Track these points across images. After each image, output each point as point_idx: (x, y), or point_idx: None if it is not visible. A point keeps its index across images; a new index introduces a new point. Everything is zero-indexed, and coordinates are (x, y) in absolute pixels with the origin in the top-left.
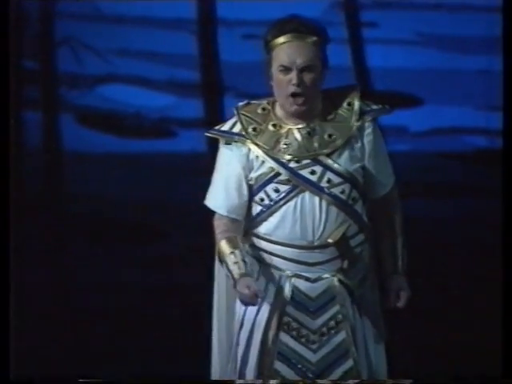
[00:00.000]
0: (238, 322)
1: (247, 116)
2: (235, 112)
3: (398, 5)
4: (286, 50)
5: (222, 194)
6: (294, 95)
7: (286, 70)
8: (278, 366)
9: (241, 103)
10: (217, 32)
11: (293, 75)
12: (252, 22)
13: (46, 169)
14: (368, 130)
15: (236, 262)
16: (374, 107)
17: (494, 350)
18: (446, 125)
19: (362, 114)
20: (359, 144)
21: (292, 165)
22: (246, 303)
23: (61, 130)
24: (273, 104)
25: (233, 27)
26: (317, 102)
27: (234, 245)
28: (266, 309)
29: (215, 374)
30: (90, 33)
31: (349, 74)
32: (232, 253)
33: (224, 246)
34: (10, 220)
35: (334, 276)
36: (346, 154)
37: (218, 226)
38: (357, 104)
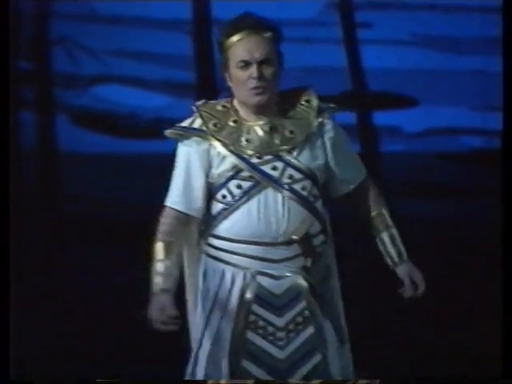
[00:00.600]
0: (202, 323)
1: (207, 112)
2: (195, 109)
3: (393, 5)
4: (243, 45)
5: (181, 191)
6: (255, 89)
7: (246, 64)
8: (246, 364)
9: (199, 102)
10: (212, 33)
11: (253, 69)
12: None
13: (41, 169)
14: (328, 127)
15: (161, 274)
16: (331, 105)
17: (493, 350)
18: (441, 125)
19: (320, 111)
20: (319, 141)
21: (254, 160)
22: (155, 324)
23: (56, 131)
24: (231, 103)
25: None
26: (276, 98)
27: (168, 252)
28: (232, 308)
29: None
30: (85, 33)
31: (343, 75)
32: (162, 261)
33: (159, 249)
34: (7, 220)
35: (297, 273)
36: (306, 151)
37: (163, 224)
38: (315, 101)
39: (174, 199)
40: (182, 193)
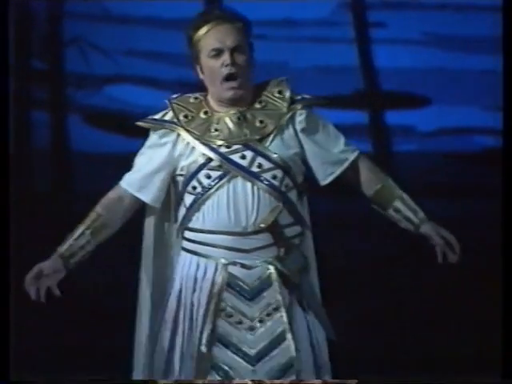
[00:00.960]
0: (171, 312)
1: (179, 105)
2: (167, 102)
3: (406, 5)
4: (214, 34)
5: (138, 174)
6: (228, 78)
7: (218, 52)
8: (217, 351)
9: (174, 95)
10: None
11: (225, 56)
12: (258, 22)
13: (54, 169)
14: (300, 118)
15: (70, 240)
16: (306, 96)
17: (493, 350)
18: (454, 124)
19: (292, 101)
20: (291, 131)
21: (222, 150)
22: (28, 281)
23: (69, 130)
24: (205, 96)
25: None
26: (249, 88)
27: (90, 221)
28: (203, 298)
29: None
30: (98, 33)
31: (356, 74)
32: (77, 228)
33: (85, 219)
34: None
35: (269, 263)
36: (277, 141)
37: (105, 198)
38: (287, 92)
39: (125, 178)
40: (134, 175)
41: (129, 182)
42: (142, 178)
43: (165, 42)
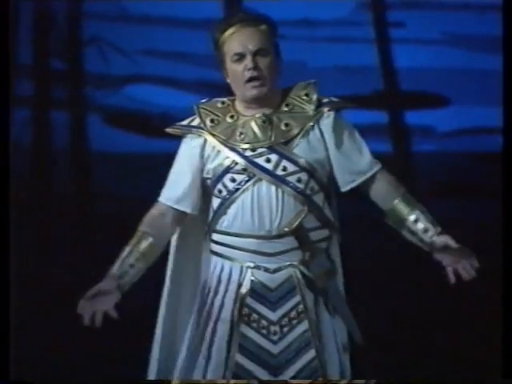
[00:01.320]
0: (195, 313)
1: (206, 109)
2: (195, 107)
3: (425, 5)
4: (236, 38)
5: (173, 186)
6: (251, 79)
7: (240, 57)
8: (239, 358)
9: (202, 100)
10: None
11: (247, 60)
12: (279, 22)
13: (73, 169)
14: (326, 121)
15: (119, 260)
16: (334, 99)
17: (494, 350)
18: (474, 125)
19: (319, 104)
20: (318, 135)
21: (247, 153)
22: (82, 307)
23: (88, 130)
24: (233, 101)
25: None
26: (274, 89)
27: (135, 240)
28: (228, 302)
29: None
30: (116, 33)
31: (376, 74)
32: (128, 245)
33: (133, 237)
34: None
35: (294, 267)
36: (303, 144)
37: (148, 216)
38: (314, 95)
39: (163, 194)
40: (171, 188)
41: (167, 197)
42: (178, 190)
43: (184, 42)
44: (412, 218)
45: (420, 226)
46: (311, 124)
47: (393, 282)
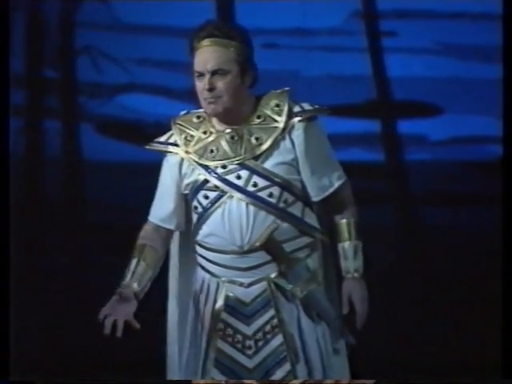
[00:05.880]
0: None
1: (182, 125)
2: (172, 123)
3: (418, 14)
4: (199, 55)
5: (157, 205)
6: (206, 98)
7: (200, 75)
8: (214, 373)
9: (180, 113)
10: None
11: (205, 80)
12: (272, 31)
13: (66, 177)
14: (298, 132)
15: (129, 273)
16: (307, 108)
17: (493, 350)
18: (466, 134)
19: (290, 114)
20: (289, 145)
21: (219, 171)
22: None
23: (80, 139)
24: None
25: (253, 36)
26: (241, 105)
27: (138, 253)
28: (208, 316)
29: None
30: (109, 42)
31: (369, 83)
32: (134, 258)
33: (134, 251)
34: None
35: (268, 280)
36: (273, 156)
37: (143, 231)
38: (286, 105)
39: (151, 212)
40: (157, 208)
41: (153, 215)
42: (162, 209)
43: (177, 51)
44: (345, 246)
45: (343, 260)
46: (282, 136)
47: (393, 282)
